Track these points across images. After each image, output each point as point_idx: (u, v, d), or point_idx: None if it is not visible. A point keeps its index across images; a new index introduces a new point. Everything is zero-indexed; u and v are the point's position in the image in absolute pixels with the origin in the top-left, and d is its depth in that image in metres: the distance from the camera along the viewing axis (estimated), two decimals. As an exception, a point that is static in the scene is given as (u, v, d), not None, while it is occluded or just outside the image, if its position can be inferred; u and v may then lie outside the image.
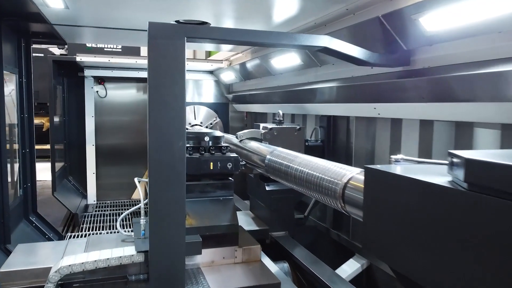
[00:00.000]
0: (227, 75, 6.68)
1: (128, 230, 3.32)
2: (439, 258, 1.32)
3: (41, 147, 7.36)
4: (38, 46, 6.61)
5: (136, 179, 3.12)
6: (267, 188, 3.89)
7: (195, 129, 6.35)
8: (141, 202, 3.00)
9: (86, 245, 3.09)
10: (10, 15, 3.68)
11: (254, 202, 4.35)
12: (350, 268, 3.65)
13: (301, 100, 4.47)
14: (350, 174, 2.16)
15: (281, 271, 3.23)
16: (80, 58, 6.07)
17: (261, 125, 4.13)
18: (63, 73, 6.74)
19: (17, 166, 4.48)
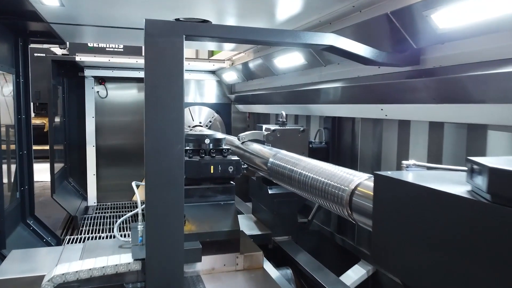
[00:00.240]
0: (230, 75, 6.58)
1: (125, 234, 3.21)
2: (458, 276, 1.23)
3: (42, 147, 7.29)
4: (39, 46, 6.54)
5: (133, 183, 3.02)
6: (270, 191, 3.79)
7: (196, 130, 6.24)
8: (139, 207, 2.89)
9: (82, 251, 2.99)
10: (4, 14, 3.59)
11: (256, 205, 4.25)
12: (355, 274, 3.55)
13: (305, 100, 4.37)
14: (358, 180, 2.04)
15: (284, 278, 3.13)
16: (79, 57, 6.00)
17: (264, 127, 4.02)
18: (63, 73, 6.68)
19: (14, 168, 4.39)
